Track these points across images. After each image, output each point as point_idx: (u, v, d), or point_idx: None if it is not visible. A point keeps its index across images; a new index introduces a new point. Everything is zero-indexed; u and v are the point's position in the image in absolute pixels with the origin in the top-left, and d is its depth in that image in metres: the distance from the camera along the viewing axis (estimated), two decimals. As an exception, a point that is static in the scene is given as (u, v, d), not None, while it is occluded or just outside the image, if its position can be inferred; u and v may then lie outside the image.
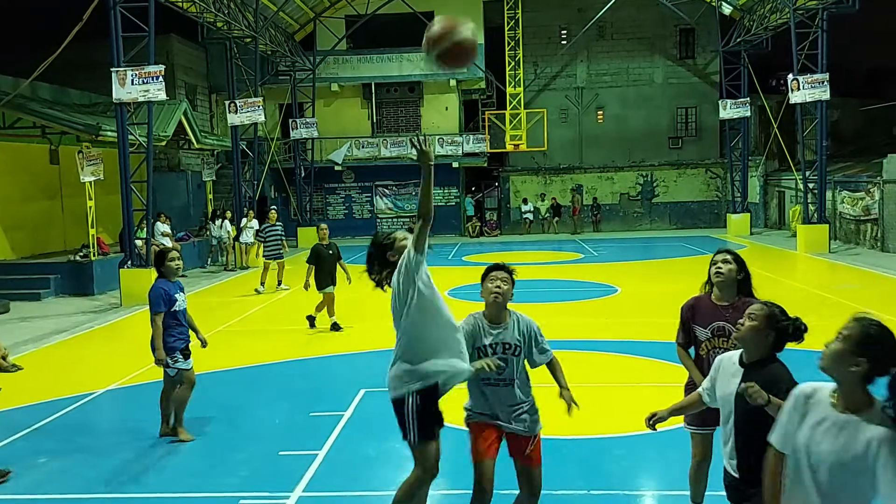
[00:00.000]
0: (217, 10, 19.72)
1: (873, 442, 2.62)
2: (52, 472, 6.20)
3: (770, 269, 17.12)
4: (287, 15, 27.45)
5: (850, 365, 2.70)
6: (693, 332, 4.40)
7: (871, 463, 2.61)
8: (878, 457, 2.60)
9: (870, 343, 2.71)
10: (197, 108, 26.88)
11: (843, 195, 22.59)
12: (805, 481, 2.79)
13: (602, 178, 31.15)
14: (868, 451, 2.63)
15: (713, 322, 4.28)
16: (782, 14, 22.54)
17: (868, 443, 2.63)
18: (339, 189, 30.92)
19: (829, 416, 2.76)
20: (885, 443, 2.60)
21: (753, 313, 3.44)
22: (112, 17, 14.68)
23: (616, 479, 5.74)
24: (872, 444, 2.62)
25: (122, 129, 14.98)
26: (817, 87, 20.06)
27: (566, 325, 11.37)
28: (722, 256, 4.32)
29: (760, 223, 29.10)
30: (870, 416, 2.67)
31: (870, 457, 2.62)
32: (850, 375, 2.71)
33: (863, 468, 2.63)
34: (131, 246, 15.29)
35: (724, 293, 4.29)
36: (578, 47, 30.79)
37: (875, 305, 12.38)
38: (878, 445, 2.61)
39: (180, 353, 6.72)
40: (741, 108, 26.57)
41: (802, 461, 2.81)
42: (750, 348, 3.45)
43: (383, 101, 30.79)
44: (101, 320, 13.41)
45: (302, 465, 6.03)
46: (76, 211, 17.87)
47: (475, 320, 4.38)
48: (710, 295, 4.37)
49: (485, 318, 4.38)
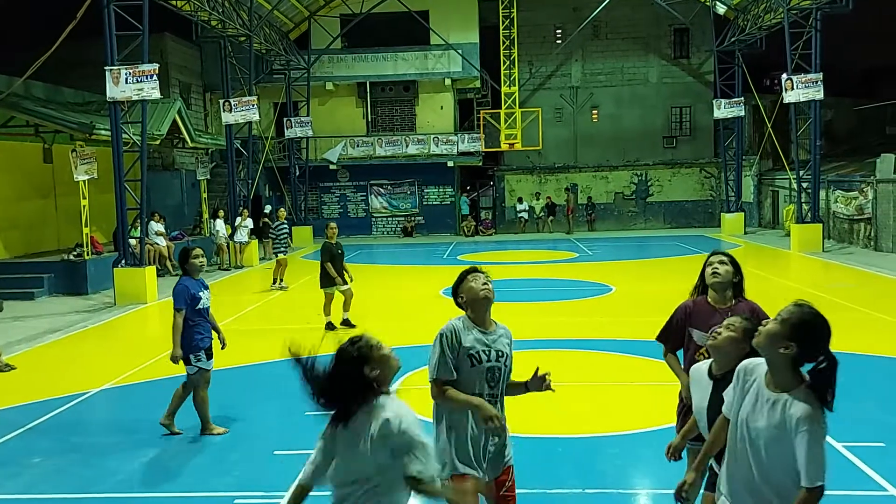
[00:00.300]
0: (211, 9, 19.68)
1: (793, 419, 2.75)
2: (47, 472, 6.18)
3: (764, 269, 17.17)
4: (282, 13, 27.41)
5: (780, 347, 2.80)
6: (688, 335, 4.30)
7: (793, 438, 2.75)
8: (796, 432, 2.74)
9: (803, 329, 2.80)
10: (191, 106, 26.82)
11: (837, 194, 22.67)
12: (745, 454, 2.91)
13: (597, 177, 31.19)
14: (791, 427, 2.76)
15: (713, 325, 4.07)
16: (776, 14, 22.60)
17: (791, 419, 2.76)
18: (334, 188, 30.89)
19: (762, 392, 2.89)
20: (802, 420, 2.73)
21: (733, 325, 3.45)
22: (106, 16, 14.64)
23: (610, 477, 5.75)
24: (793, 421, 2.75)
25: (116, 127, 14.94)
26: (811, 86, 20.11)
27: (561, 324, 11.39)
28: (718, 258, 4.27)
29: (754, 222, 29.19)
30: (796, 394, 2.79)
31: (791, 432, 2.75)
32: (781, 357, 2.82)
33: (790, 443, 2.76)
34: (125, 245, 15.25)
35: (721, 295, 4.24)
36: (573, 47, 30.82)
37: (868, 304, 12.43)
38: (796, 422, 2.74)
39: (204, 352, 6.74)
40: (735, 108, 26.64)
41: (743, 435, 2.93)
42: (723, 359, 3.47)
43: (378, 99, 30.77)
44: (95, 320, 13.37)
45: (297, 465, 5.99)
46: (70, 210, 17.82)
47: (462, 324, 3.71)
48: (706, 298, 4.30)
49: (473, 323, 3.73)
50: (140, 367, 9.61)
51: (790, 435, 2.76)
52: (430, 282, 16.19)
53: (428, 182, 30.68)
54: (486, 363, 3.65)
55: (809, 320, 2.82)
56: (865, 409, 7.02)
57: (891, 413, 7.00)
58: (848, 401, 7.07)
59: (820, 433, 2.73)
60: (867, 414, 6.88)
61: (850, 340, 9.68)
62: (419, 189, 30.84)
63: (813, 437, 2.71)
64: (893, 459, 5.79)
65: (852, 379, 8.18)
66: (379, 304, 13.25)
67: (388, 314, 11.93)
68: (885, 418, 6.82)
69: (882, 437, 6.29)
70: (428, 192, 30.89)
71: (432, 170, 30.03)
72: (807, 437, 2.71)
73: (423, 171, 30.20)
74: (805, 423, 2.73)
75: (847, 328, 10.41)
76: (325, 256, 11.42)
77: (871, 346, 9.59)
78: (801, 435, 2.73)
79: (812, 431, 2.71)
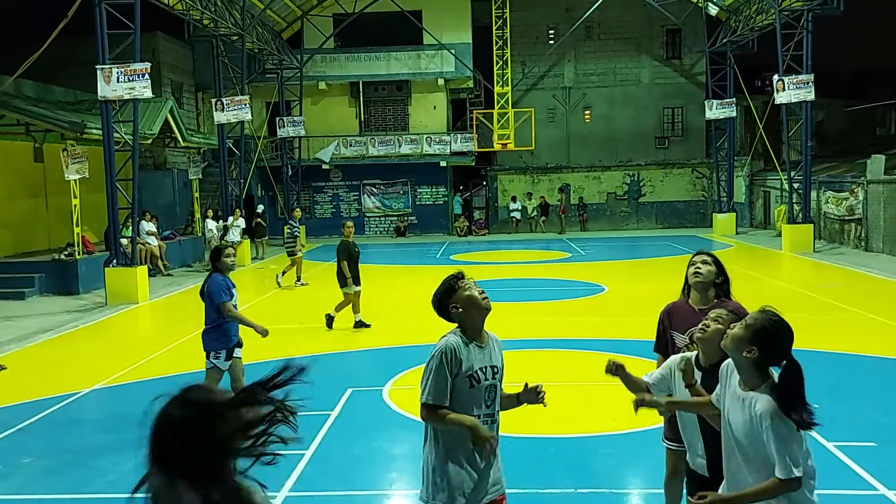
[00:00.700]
0: (203, 8, 19.62)
1: (757, 415, 2.93)
2: (37, 473, 6.16)
3: (755, 269, 17.24)
4: (274, 13, 27.33)
5: (743, 350, 2.98)
6: (671, 339, 4.25)
7: (761, 433, 2.91)
8: (761, 428, 2.91)
9: (765, 335, 2.95)
10: (183, 105, 26.72)
11: (828, 195, 22.78)
12: (733, 449, 3.08)
13: (589, 177, 31.24)
14: (757, 423, 2.93)
15: (691, 328, 4.04)
16: (768, 15, 22.69)
17: (756, 415, 2.93)
18: (326, 188, 30.83)
19: (737, 391, 3.07)
20: (764, 415, 2.89)
21: (721, 317, 3.47)
22: (97, 14, 14.56)
23: (603, 477, 5.76)
24: (757, 417, 2.92)
25: (108, 126, 14.87)
26: (802, 87, 20.20)
27: (553, 324, 11.40)
28: (701, 258, 4.23)
29: (746, 223, 29.29)
30: (761, 391, 2.96)
31: (758, 427, 2.92)
32: (744, 360, 3.00)
33: (761, 438, 2.92)
34: (116, 245, 15.19)
35: (702, 296, 4.18)
36: (566, 47, 30.86)
37: (859, 304, 12.49)
38: (759, 418, 2.91)
39: (226, 352, 6.83)
40: (727, 109, 26.74)
41: (728, 431, 3.11)
42: (711, 351, 3.49)
43: (371, 99, 30.73)
44: (86, 319, 13.31)
45: (289, 465, 6.01)
46: (61, 209, 17.73)
47: (460, 340, 3.41)
48: (688, 299, 4.25)
49: (469, 337, 3.43)
50: (131, 367, 9.57)
51: (758, 430, 2.93)
52: (422, 282, 16.18)
53: (421, 182, 30.67)
54: (484, 382, 3.40)
55: (769, 327, 2.97)
56: (856, 408, 7.06)
57: (881, 413, 7.04)
58: (839, 401, 7.14)
59: (783, 427, 2.86)
60: (858, 414, 6.91)
61: (841, 340, 9.72)
62: (412, 189, 30.82)
63: (776, 431, 2.86)
64: (884, 459, 5.82)
65: (843, 379, 8.24)
66: (371, 304, 13.22)
67: (381, 314, 11.92)
68: (876, 418, 6.86)
69: (873, 436, 6.32)
70: (421, 191, 30.88)
71: (425, 169, 30.02)
72: (771, 433, 2.87)
73: (416, 171, 30.19)
74: (767, 419, 2.88)
75: (838, 328, 10.45)
76: (342, 255, 11.26)
77: (861, 346, 9.63)
78: (766, 430, 2.89)
79: (775, 426, 2.86)
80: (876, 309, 12.09)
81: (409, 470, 6.03)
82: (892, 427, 6.62)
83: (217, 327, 6.75)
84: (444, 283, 3.51)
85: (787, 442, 2.86)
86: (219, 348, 6.75)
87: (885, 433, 6.43)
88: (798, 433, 2.90)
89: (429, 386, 3.36)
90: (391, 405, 7.58)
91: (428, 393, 3.37)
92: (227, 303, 6.72)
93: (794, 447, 2.88)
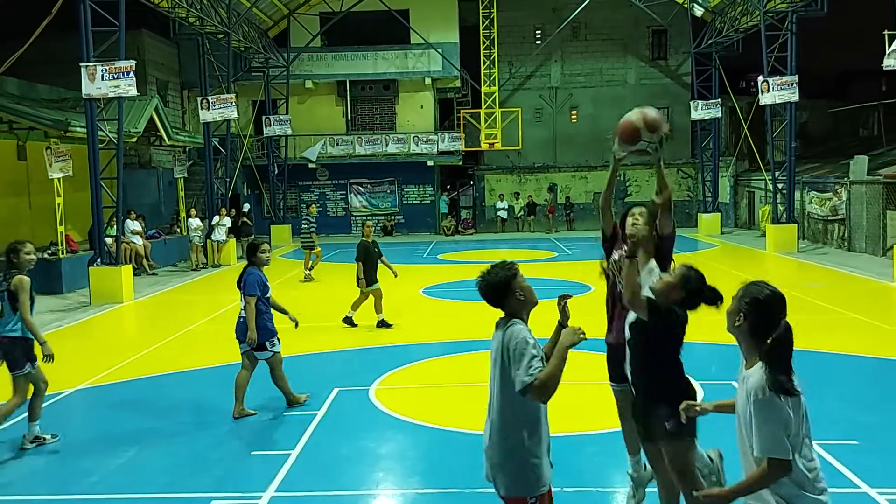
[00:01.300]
0: (189, 6, 19.51)
1: (750, 391, 2.92)
2: (22, 473, 6.11)
3: (740, 268, 17.36)
4: (261, 11, 27.22)
5: (734, 321, 3.04)
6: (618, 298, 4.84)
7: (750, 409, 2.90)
8: (749, 403, 2.91)
9: (752, 304, 2.99)
10: (168, 104, 26.55)
11: (812, 195, 22.97)
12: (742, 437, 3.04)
13: (576, 177, 31.34)
14: (749, 399, 2.92)
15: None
16: (753, 16, 22.86)
17: (749, 391, 2.93)
18: (313, 187, 30.74)
19: (741, 372, 3.09)
20: (753, 391, 2.90)
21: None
22: (82, 12, 14.44)
23: (588, 476, 5.79)
24: (750, 392, 2.92)
25: (92, 125, 14.76)
26: (786, 88, 20.36)
27: (540, 324, 11.33)
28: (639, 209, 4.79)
29: (731, 223, 29.49)
30: (756, 367, 2.96)
31: (749, 404, 2.92)
32: (737, 331, 3.05)
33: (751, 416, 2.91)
34: (101, 244, 15.08)
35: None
36: (553, 47, 30.95)
37: (841, 304, 12.61)
38: (750, 393, 2.91)
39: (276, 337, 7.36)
40: (712, 109, 26.90)
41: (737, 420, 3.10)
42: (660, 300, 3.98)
43: (358, 98, 30.67)
44: (70, 319, 13.21)
45: (275, 465, 6.00)
46: (44, 208, 17.56)
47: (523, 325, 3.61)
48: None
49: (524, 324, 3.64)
50: (116, 367, 9.51)
51: (749, 409, 2.92)
52: (410, 281, 16.16)
53: (408, 181, 30.65)
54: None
55: (754, 293, 3.01)
56: (838, 407, 7.12)
57: (863, 411, 7.11)
58: (822, 400, 7.19)
59: (768, 404, 2.82)
60: (840, 412, 6.98)
61: (824, 339, 9.81)
62: (399, 188, 30.80)
63: (760, 407, 2.83)
64: (866, 457, 5.88)
65: (826, 378, 8.30)
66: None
67: (368, 314, 11.89)
68: (857, 416, 6.93)
69: (855, 434, 6.39)
70: (408, 191, 30.86)
71: (412, 169, 30.00)
72: (756, 407, 2.85)
73: (403, 170, 30.17)
74: (753, 394, 2.87)
75: (821, 327, 10.53)
76: (360, 255, 11.25)
77: (844, 345, 9.73)
78: (753, 405, 2.87)
79: (760, 402, 2.84)
80: (858, 308, 12.21)
81: (396, 469, 6.03)
82: (874, 426, 6.69)
83: (260, 318, 7.22)
84: (506, 270, 3.58)
85: (769, 419, 2.81)
86: (271, 336, 7.31)
87: (867, 431, 6.50)
88: (788, 414, 2.82)
89: (532, 366, 3.38)
90: (378, 405, 7.57)
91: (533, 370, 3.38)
92: (253, 296, 7.17)
93: (777, 427, 2.80)
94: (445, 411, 7.34)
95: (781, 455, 2.80)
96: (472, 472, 5.85)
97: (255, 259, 7.38)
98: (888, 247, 18.09)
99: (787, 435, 2.82)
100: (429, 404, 7.64)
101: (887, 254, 17.85)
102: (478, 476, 4.70)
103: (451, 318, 12.35)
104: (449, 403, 7.68)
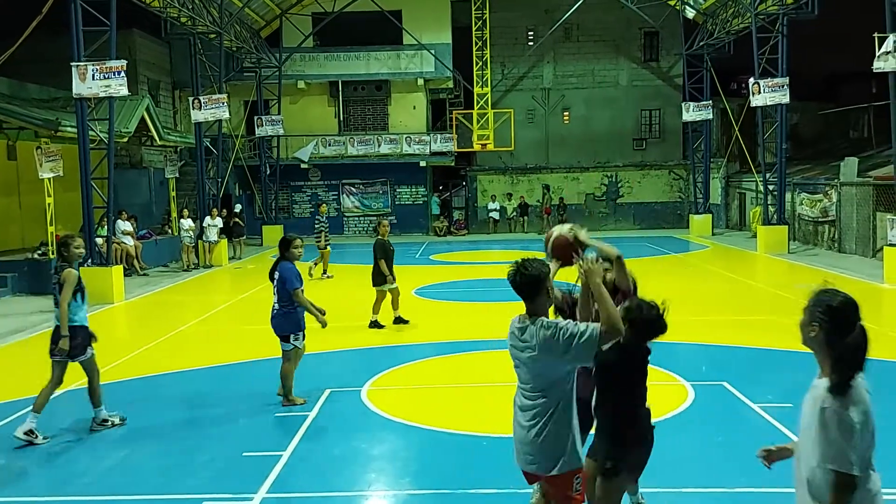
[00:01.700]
0: (181, 6, 19.45)
1: (818, 399, 2.80)
2: (13, 474, 6.08)
3: (730, 270, 17.44)
4: (253, 11, 27.17)
5: (808, 331, 2.91)
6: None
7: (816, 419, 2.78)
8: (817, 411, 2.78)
9: (821, 310, 2.88)
10: (160, 104, 26.47)
11: (802, 197, 23.09)
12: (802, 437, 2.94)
13: (568, 178, 31.41)
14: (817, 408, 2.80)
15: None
16: (744, 18, 22.97)
17: (818, 399, 2.81)
18: (305, 187, 30.71)
19: (814, 382, 2.94)
20: (821, 398, 2.78)
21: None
22: (72, 11, 14.37)
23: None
24: (818, 401, 2.80)
25: (83, 124, 14.70)
26: (777, 90, 20.47)
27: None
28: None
29: (722, 224, 29.61)
30: (827, 376, 2.84)
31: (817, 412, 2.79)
32: (811, 341, 2.92)
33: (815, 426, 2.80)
34: (92, 244, 15.01)
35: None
36: (545, 48, 31.01)
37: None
38: (819, 401, 2.79)
39: (302, 332, 7.53)
40: (704, 111, 27.02)
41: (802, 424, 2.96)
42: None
43: (350, 98, 30.65)
44: (61, 320, 13.12)
45: (266, 466, 6.00)
46: (34, 208, 17.48)
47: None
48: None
49: None
50: (107, 367, 9.46)
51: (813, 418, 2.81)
52: (402, 282, 16.14)
53: (400, 182, 30.65)
54: None
55: (827, 301, 2.90)
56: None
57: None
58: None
59: (835, 414, 2.71)
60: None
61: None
62: (391, 189, 30.80)
63: (829, 416, 2.72)
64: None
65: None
66: (352, 305, 13.20)
67: (362, 314, 11.89)
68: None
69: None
70: (400, 191, 30.86)
71: (404, 169, 29.99)
72: (823, 416, 2.74)
73: (396, 171, 30.16)
74: (820, 402, 2.77)
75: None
76: (379, 253, 11.29)
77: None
78: (819, 413, 2.76)
79: (829, 411, 2.72)
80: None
81: (388, 470, 6.04)
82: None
83: (294, 311, 7.39)
84: (540, 266, 3.76)
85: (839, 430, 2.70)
86: (296, 330, 7.46)
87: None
88: (857, 429, 2.70)
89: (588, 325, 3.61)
90: (370, 406, 7.57)
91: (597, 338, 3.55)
92: (299, 289, 7.34)
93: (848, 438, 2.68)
94: (437, 412, 7.35)
95: (846, 469, 2.69)
96: (463, 472, 5.87)
97: (288, 253, 7.55)
98: (878, 248, 18.20)
99: (853, 448, 2.69)
100: (421, 405, 7.65)
101: (877, 255, 17.96)
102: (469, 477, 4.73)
103: (443, 319, 12.35)
104: (441, 404, 7.68)
